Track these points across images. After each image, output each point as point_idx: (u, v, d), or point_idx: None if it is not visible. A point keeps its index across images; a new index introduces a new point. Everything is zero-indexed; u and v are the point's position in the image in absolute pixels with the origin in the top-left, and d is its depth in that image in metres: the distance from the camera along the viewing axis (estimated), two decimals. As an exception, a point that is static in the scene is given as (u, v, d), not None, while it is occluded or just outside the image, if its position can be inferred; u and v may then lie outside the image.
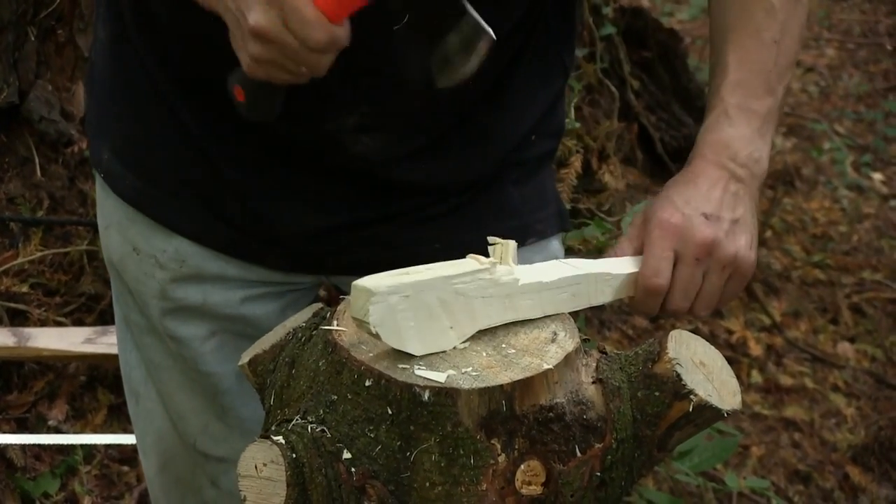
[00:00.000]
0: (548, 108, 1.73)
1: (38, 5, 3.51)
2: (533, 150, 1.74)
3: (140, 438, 1.94)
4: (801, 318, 4.58)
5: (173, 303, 1.72)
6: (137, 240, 1.70)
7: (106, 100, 1.71)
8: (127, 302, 1.80)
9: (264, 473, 1.18)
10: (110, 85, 1.69)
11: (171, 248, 1.68)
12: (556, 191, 1.88)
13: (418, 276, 1.23)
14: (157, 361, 1.79)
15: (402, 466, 1.19)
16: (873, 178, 6.06)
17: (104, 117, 1.71)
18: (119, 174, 1.69)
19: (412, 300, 1.21)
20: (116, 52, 1.66)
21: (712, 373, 1.28)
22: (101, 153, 1.71)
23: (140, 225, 1.69)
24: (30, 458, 2.91)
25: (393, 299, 1.20)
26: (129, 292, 1.77)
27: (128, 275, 1.74)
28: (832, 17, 8.55)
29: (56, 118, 3.51)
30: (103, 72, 1.70)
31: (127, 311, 1.81)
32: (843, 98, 7.16)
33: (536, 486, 1.21)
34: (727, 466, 3.53)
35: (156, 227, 1.68)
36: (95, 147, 1.74)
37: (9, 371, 3.08)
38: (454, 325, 1.26)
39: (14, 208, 3.40)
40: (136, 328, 1.80)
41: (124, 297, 1.80)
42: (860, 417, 4.02)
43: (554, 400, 1.22)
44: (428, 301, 1.23)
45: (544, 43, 1.67)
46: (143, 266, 1.71)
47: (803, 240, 5.20)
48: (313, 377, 1.26)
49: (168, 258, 1.68)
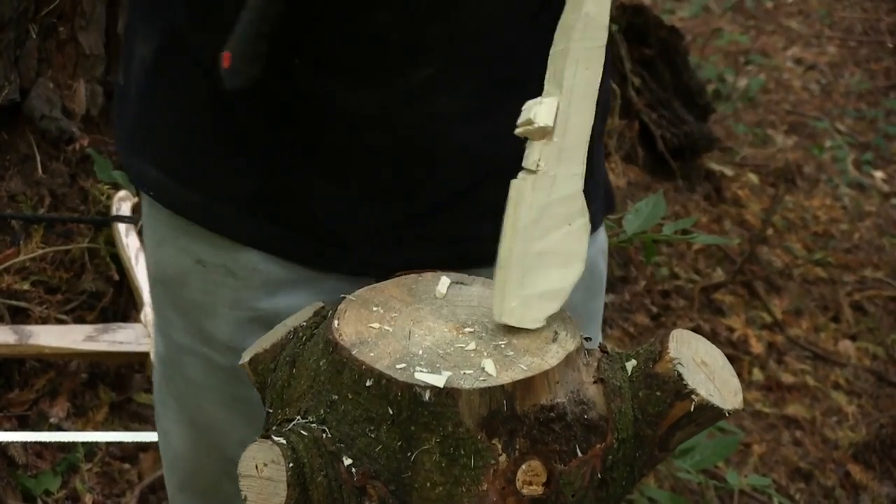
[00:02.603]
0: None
1: (40, 3, 3.51)
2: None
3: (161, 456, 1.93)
4: (803, 315, 4.59)
5: (249, 312, 1.65)
6: (202, 252, 1.64)
7: (151, 116, 1.64)
8: (170, 320, 1.74)
9: (265, 473, 1.18)
10: (157, 100, 1.63)
11: (242, 256, 1.62)
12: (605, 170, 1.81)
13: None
14: (197, 380, 1.74)
15: (403, 466, 1.19)
16: (874, 176, 6.07)
17: (150, 135, 1.65)
18: (172, 190, 1.63)
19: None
20: (164, 64, 1.60)
21: (714, 372, 1.28)
22: (147, 172, 1.65)
23: (202, 236, 1.63)
24: (31, 456, 2.91)
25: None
26: (174, 309, 1.72)
27: (190, 288, 1.67)
28: (833, 14, 8.55)
29: (57, 116, 3.52)
30: (146, 89, 1.64)
31: (168, 330, 1.75)
32: (845, 96, 7.16)
33: (537, 486, 1.21)
34: (728, 464, 3.53)
35: (221, 238, 1.62)
36: (138, 167, 1.67)
37: (10, 368, 3.09)
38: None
39: (15, 206, 3.40)
40: (175, 346, 1.75)
41: (168, 314, 1.74)
42: (861, 415, 4.02)
43: (555, 400, 1.22)
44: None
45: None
46: (213, 276, 1.64)
47: (804, 238, 5.20)
48: (314, 377, 1.26)
49: (239, 266, 1.63)
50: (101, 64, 3.61)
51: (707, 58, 7.20)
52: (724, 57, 7.46)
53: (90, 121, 3.61)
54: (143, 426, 3.12)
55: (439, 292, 1.37)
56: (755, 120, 6.52)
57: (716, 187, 5.28)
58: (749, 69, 7.38)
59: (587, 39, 1.30)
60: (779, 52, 7.77)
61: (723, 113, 6.30)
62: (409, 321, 1.30)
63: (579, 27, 1.29)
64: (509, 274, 1.29)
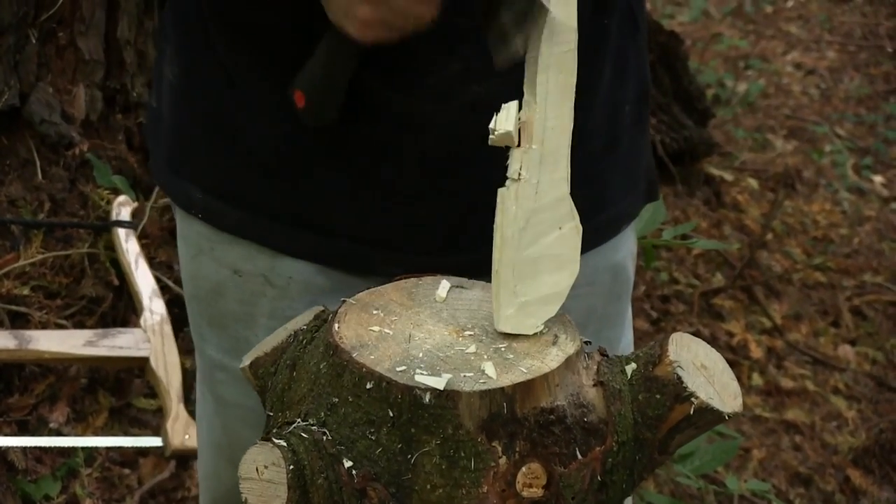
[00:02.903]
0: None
1: (39, 8, 3.52)
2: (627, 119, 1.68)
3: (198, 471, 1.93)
4: (802, 320, 4.58)
5: (287, 321, 1.66)
6: (238, 262, 1.64)
7: (186, 138, 1.64)
8: (205, 336, 1.73)
9: (265, 476, 1.19)
10: (191, 121, 1.63)
11: (279, 265, 1.62)
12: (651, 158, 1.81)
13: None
14: (228, 398, 1.74)
15: (404, 469, 1.19)
16: (874, 181, 6.06)
17: (186, 156, 1.65)
18: (218, 210, 1.63)
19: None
20: (194, 85, 1.61)
21: (713, 375, 1.28)
22: (191, 193, 1.65)
23: (240, 247, 1.63)
24: (31, 461, 2.91)
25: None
26: (209, 324, 1.72)
27: (227, 299, 1.67)
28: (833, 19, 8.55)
29: (57, 120, 3.52)
30: (179, 110, 1.64)
31: (203, 346, 1.75)
32: (844, 100, 7.16)
33: (537, 488, 1.21)
34: (728, 469, 3.53)
35: (260, 248, 1.62)
36: (180, 189, 1.67)
37: (10, 373, 3.09)
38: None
39: (15, 211, 3.41)
40: (208, 363, 1.75)
41: (203, 330, 1.74)
42: (861, 420, 4.02)
43: (555, 402, 1.22)
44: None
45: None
46: (250, 286, 1.64)
47: (804, 242, 5.20)
48: (314, 380, 1.26)
49: (277, 276, 1.62)
50: (100, 69, 3.62)
51: (707, 62, 7.21)
52: (723, 62, 7.46)
53: (90, 126, 3.61)
54: (143, 431, 3.11)
55: (439, 296, 1.37)
56: (755, 125, 6.52)
57: (715, 192, 5.28)
58: (749, 74, 7.38)
59: (556, 44, 1.30)
60: (778, 56, 7.78)
61: (722, 118, 6.29)
62: (409, 324, 1.30)
63: (546, 32, 1.29)
64: (502, 283, 1.30)
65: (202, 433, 1.84)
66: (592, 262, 1.64)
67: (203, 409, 1.81)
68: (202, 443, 1.85)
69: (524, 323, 1.30)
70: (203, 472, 1.87)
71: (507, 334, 1.30)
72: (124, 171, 3.58)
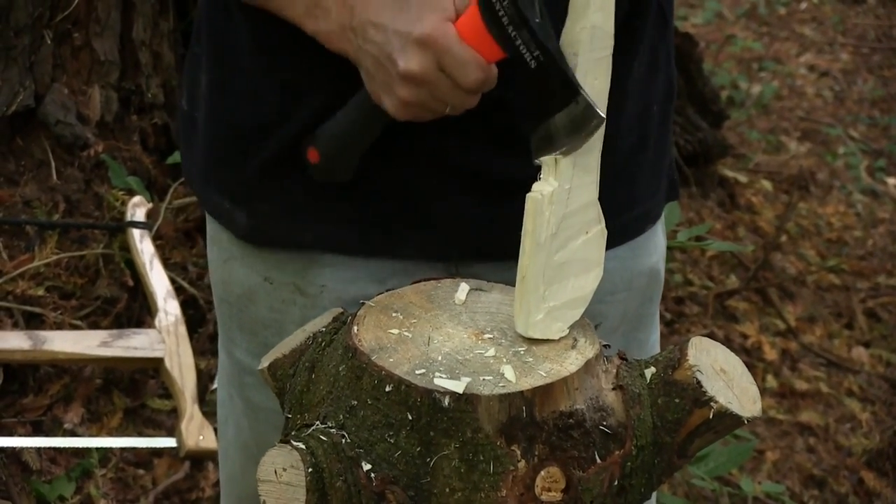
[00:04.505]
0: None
1: (54, 9, 3.52)
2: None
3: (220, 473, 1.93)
4: (816, 322, 4.57)
5: None
6: (269, 270, 1.63)
7: (219, 146, 1.64)
8: (235, 339, 1.73)
9: (284, 478, 1.19)
10: (224, 131, 1.62)
11: (311, 274, 1.61)
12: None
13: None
14: (256, 401, 1.73)
15: (422, 472, 1.19)
16: (888, 183, 6.05)
17: (219, 165, 1.65)
18: (244, 223, 1.63)
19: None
20: (227, 93, 1.60)
21: (733, 380, 1.28)
22: (222, 203, 1.65)
23: (270, 255, 1.63)
24: (45, 462, 2.92)
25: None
26: (239, 328, 1.71)
27: (258, 306, 1.66)
28: (846, 21, 8.53)
29: (72, 121, 3.52)
30: (215, 122, 1.63)
31: (232, 349, 1.74)
32: (858, 103, 7.14)
33: (556, 492, 1.21)
34: (742, 471, 3.52)
35: (291, 255, 1.61)
36: (208, 195, 1.67)
37: (24, 374, 3.09)
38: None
39: (30, 211, 3.41)
40: (237, 365, 1.74)
41: (233, 333, 1.73)
42: (875, 422, 4.01)
43: (574, 406, 1.22)
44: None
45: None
46: (281, 294, 1.63)
47: (818, 244, 5.19)
48: (333, 382, 1.26)
49: (308, 283, 1.61)
50: (115, 70, 3.62)
51: (720, 64, 7.19)
52: (737, 64, 7.44)
53: (105, 127, 3.61)
54: (158, 432, 3.12)
55: (458, 299, 1.37)
56: (768, 127, 6.51)
57: (729, 194, 5.27)
58: (762, 76, 7.36)
59: (595, 50, 1.30)
60: (792, 58, 7.76)
61: (736, 120, 6.28)
62: (428, 327, 1.30)
63: (586, 39, 1.29)
64: (531, 288, 1.30)
65: (228, 434, 1.83)
66: (630, 266, 1.65)
67: (230, 410, 1.81)
68: (227, 443, 1.84)
69: (551, 327, 1.30)
70: (228, 473, 1.87)
71: (525, 338, 1.30)
72: (139, 171, 3.59)
